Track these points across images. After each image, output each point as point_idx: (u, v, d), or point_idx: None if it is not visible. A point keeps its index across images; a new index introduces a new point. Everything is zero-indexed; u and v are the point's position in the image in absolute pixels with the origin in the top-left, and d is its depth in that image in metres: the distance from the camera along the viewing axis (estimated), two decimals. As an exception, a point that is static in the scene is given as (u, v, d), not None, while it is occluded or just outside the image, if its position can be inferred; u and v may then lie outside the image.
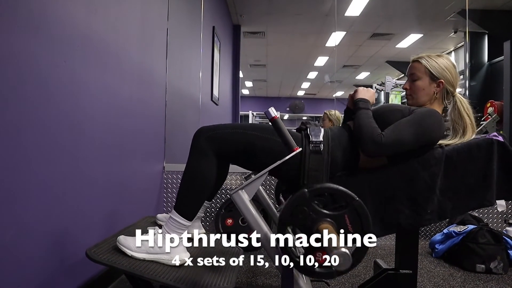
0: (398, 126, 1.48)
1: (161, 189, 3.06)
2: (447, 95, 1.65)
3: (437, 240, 2.82)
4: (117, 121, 2.10)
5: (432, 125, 1.50)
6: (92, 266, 1.74)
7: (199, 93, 4.23)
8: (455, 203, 1.53)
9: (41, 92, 1.42)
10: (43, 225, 1.47)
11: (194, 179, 1.51)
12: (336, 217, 1.30)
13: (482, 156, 1.53)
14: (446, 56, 1.68)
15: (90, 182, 1.82)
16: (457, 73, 1.66)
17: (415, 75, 1.65)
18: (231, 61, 7.14)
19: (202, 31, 4.30)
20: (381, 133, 1.45)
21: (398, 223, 1.52)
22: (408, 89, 1.68)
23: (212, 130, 1.53)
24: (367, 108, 1.55)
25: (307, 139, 1.49)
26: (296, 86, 12.76)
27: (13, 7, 1.27)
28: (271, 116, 1.35)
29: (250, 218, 1.41)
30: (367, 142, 1.45)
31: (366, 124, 1.48)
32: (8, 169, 1.27)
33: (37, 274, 1.44)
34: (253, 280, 2.20)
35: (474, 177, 1.53)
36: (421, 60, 1.65)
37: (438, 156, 1.52)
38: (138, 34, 2.42)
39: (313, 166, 1.46)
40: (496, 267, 2.46)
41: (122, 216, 2.19)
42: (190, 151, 1.54)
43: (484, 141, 1.54)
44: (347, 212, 1.31)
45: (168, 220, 1.51)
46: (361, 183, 1.49)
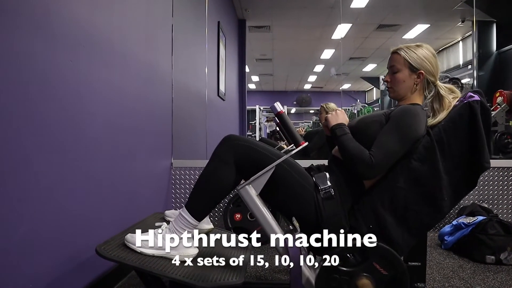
0: (381, 139, 1.48)
1: (169, 185, 3.08)
2: (428, 85, 1.63)
3: (446, 231, 2.80)
4: (124, 119, 2.11)
5: (411, 123, 1.49)
6: (102, 263, 1.76)
7: (205, 89, 4.24)
8: (462, 178, 1.53)
9: (46, 92, 1.43)
10: (53, 223, 1.49)
11: (211, 183, 1.48)
12: (367, 269, 1.38)
13: (467, 123, 1.52)
14: (426, 46, 1.64)
15: (98, 180, 1.84)
16: (437, 62, 1.63)
17: (395, 67, 1.63)
18: (237, 56, 7.13)
19: (207, 26, 4.30)
20: (369, 154, 1.45)
21: (425, 224, 1.52)
22: (389, 81, 1.66)
23: (240, 139, 1.50)
24: (345, 134, 1.54)
25: (316, 187, 1.49)
26: (303, 80, 12.72)
27: (16, 6, 1.27)
28: (277, 111, 1.35)
29: (258, 213, 1.41)
30: (361, 169, 1.45)
31: (352, 150, 1.47)
32: (16, 169, 1.28)
33: (47, 272, 1.46)
34: (262, 274, 2.20)
35: (468, 145, 1.52)
36: (399, 51, 1.62)
37: (428, 145, 1.51)
38: (143, 31, 2.43)
39: (330, 212, 1.46)
40: (506, 258, 2.44)
41: (131, 213, 2.21)
42: (212, 154, 1.51)
43: (463, 108, 1.53)
44: (374, 260, 1.38)
45: (177, 217, 1.51)
46: (373, 207, 1.49)
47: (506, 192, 3.14)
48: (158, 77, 2.75)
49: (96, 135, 1.81)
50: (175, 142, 3.09)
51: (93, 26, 1.76)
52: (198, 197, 1.50)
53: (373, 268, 1.37)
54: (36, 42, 1.37)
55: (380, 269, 1.36)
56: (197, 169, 3.13)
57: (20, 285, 1.31)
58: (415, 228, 1.50)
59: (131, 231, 1.57)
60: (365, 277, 1.36)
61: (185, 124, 3.40)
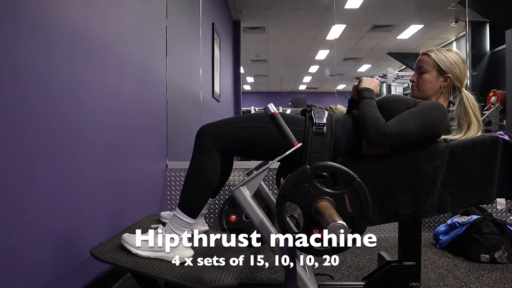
0: (402, 117, 1.48)
1: (164, 186, 3.08)
2: (454, 90, 1.64)
3: (441, 231, 2.82)
4: (118, 120, 2.11)
5: (437, 117, 1.50)
6: (98, 265, 1.76)
7: (200, 90, 4.24)
8: (455, 197, 1.54)
9: (42, 94, 1.43)
10: (48, 225, 1.48)
11: (198, 178, 1.51)
12: (336, 196, 1.31)
13: (486, 153, 1.53)
14: (456, 51, 1.67)
15: (94, 181, 1.83)
16: (466, 69, 1.66)
17: (423, 68, 1.65)
18: (231, 57, 7.13)
19: (202, 27, 4.30)
20: (385, 123, 1.45)
21: (396, 212, 1.53)
22: (415, 81, 1.67)
23: (214, 127, 1.53)
24: (371, 98, 1.54)
25: (311, 121, 1.49)
26: (298, 81, 12.73)
27: (12, 8, 1.27)
28: (270, 112, 1.35)
29: (252, 214, 1.41)
30: (371, 132, 1.44)
31: (370, 113, 1.48)
32: (12, 171, 1.28)
33: (42, 274, 1.46)
34: (257, 275, 2.21)
35: (476, 173, 1.54)
36: (430, 53, 1.64)
37: (442, 149, 1.53)
38: (138, 33, 2.43)
39: (315, 147, 1.46)
40: (501, 257, 2.46)
41: (126, 215, 2.21)
42: (193, 149, 1.54)
43: (489, 138, 1.55)
44: (347, 192, 1.31)
45: (172, 218, 1.51)
46: (362, 169, 1.47)
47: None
48: (152, 79, 2.75)
49: (91, 137, 1.80)
50: (170, 143, 3.09)
51: (87, 28, 1.76)
52: (188, 194, 1.52)
53: (342, 199, 1.31)
54: (33, 45, 1.36)
55: (348, 204, 1.31)
56: (192, 170, 3.12)
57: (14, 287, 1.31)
58: (386, 211, 1.52)
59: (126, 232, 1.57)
60: (330, 202, 1.30)
61: (180, 125, 3.40)
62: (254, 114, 1.62)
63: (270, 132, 1.46)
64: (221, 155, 1.52)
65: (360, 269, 2.35)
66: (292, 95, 13.44)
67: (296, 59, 10.23)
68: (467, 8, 4.58)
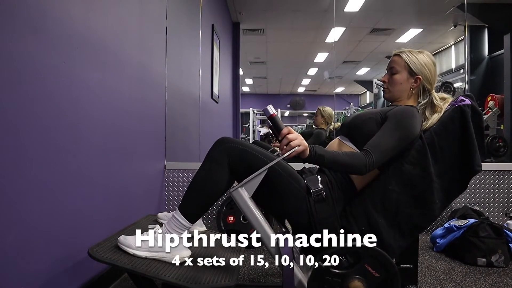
0: (380, 138, 1.48)
1: (162, 187, 3.08)
2: (423, 92, 1.66)
3: (438, 234, 2.82)
4: (117, 121, 2.11)
5: (411, 123, 1.51)
6: (95, 265, 1.76)
7: (199, 91, 4.24)
8: (453, 179, 1.55)
9: (40, 93, 1.43)
10: (46, 225, 1.48)
11: (205, 185, 1.48)
12: (359, 272, 1.38)
13: (458, 126, 1.54)
14: (428, 53, 1.68)
15: (92, 182, 1.83)
16: (436, 71, 1.67)
17: (394, 69, 1.66)
18: (231, 58, 7.14)
19: (201, 29, 4.30)
20: (365, 153, 1.43)
21: (416, 226, 1.54)
22: (386, 82, 1.69)
23: (233, 142, 1.50)
24: (325, 152, 1.42)
25: (308, 190, 1.50)
26: (297, 83, 12.75)
27: (12, 8, 1.27)
28: (269, 113, 1.35)
29: (250, 215, 1.42)
30: (362, 171, 1.43)
31: (347, 161, 1.42)
32: (9, 170, 1.28)
33: (40, 274, 1.46)
34: (255, 277, 2.21)
35: (458, 148, 1.55)
36: (401, 54, 1.66)
37: (420, 148, 1.53)
38: (137, 33, 2.43)
39: (322, 215, 1.47)
40: (497, 261, 2.46)
41: (124, 215, 2.20)
42: (206, 156, 1.50)
43: (454, 112, 1.56)
44: (365, 262, 1.38)
45: (170, 219, 1.51)
46: (365, 208, 1.51)
47: (497, 195, 3.17)
48: (151, 79, 2.75)
49: (89, 137, 1.80)
50: (168, 144, 3.09)
51: (86, 28, 1.76)
52: (192, 199, 1.50)
53: (365, 270, 1.38)
54: (33, 44, 1.36)
55: (372, 271, 1.37)
56: (190, 171, 3.13)
57: (11, 287, 1.30)
58: (407, 230, 1.52)
59: (124, 233, 1.58)
60: (357, 279, 1.37)
61: (178, 126, 3.40)
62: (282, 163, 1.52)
63: (282, 181, 1.48)
64: (230, 170, 1.48)
65: (357, 271, 2.34)
66: (290, 97, 13.47)
67: (295, 61, 10.25)
68: (466, 13, 4.60)
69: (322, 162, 1.41)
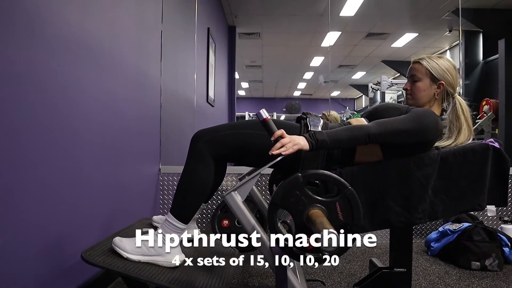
0: (393, 120, 1.48)
1: (157, 191, 3.07)
2: (447, 97, 1.66)
3: (432, 238, 2.83)
4: (112, 123, 2.11)
5: (428, 124, 1.49)
6: (89, 269, 1.75)
7: (194, 95, 4.24)
8: (446, 204, 1.55)
9: (38, 95, 1.43)
10: (39, 228, 1.47)
11: (191, 184, 1.51)
12: (327, 204, 1.31)
13: (477, 161, 1.55)
14: (447, 57, 1.69)
15: (86, 185, 1.83)
16: (457, 74, 1.67)
17: (415, 76, 1.66)
18: (226, 62, 7.14)
19: (197, 32, 4.31)
20: (371, 124, 1.45)
21: (388, 219, 1.54)
22: (408, 89, 1.68)
23: (209, 133, 1.53)
24: (325, 139, 1.38)
25: (306, 128, 1.50)
26: (292, 87, 12.77)
27: (9, 10, 1.27)
28: (262, 117, 1.36)
29: (243, 219, 1.42)
30: (362, 140, 1.42)
31: (348, 136, 1.40)
32: (5, 172, 1.27)
33: (33, 277, 1.45)
34: (249, 280, 2.20)
35: (467, 180, 1.55)
36: (422, 61, 1.65)
37: (433, 157, 1.54)
38: (133, 37, 2.43)
39: (309, 155, 1.46)
40: (491, 264, 2.47)
41: (118, 218, 2.20)
42: (188, 155, 1.54)
43: (480, 146, 1.56)
44: (339, 200, 1.32)
45: (164, 223, 1.51)
46: (355, 176, 1.50)
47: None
48: (147, 82, 2.74)
49: (85, 139, 1.80)
50: (163, 147, 3.09)
51: (83, 31, 1.76)
52: (181, 200, 1.52)
53: (333, 207, 1.31)
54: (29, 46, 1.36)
55: (339, 212, 1.32)
56: (185, 175, 3.12)
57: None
58: (378, 218, 1.53)
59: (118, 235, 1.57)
60: (321, 209, 1.30)
61: (173, 129, 3.40)
62: (249, 121, 1.62)
63: (263, 139, 1.46)
64: (215, 161, 1.53)
65: (352, 275, 2.35)
66: (286, 101, 13.48)
67: (291, 65, 10.28)
68: (461, 18, 4.63)
69: (327, 146, 1.38)
